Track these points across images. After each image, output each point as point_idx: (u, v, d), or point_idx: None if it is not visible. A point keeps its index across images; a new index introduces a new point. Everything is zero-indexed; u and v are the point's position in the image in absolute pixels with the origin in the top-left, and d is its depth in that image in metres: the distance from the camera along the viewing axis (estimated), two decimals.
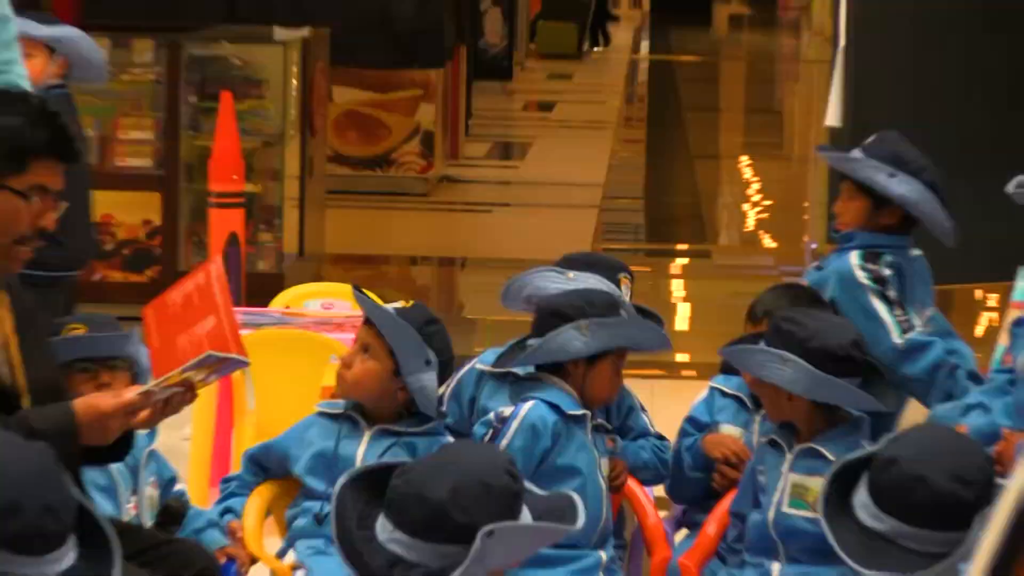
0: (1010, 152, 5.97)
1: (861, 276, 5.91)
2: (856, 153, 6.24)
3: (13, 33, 6.05)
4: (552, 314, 5.51)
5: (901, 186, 6.00)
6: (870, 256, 5.95)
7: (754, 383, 5.40)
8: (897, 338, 5.89)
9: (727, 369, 5.93)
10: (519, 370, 5.60)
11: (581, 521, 4.12)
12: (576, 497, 4.25)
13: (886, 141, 6.17)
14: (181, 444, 7.29)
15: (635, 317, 5.73)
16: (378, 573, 3.80)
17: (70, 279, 8.37)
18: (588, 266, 5.85)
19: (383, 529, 3.83)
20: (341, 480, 4.02)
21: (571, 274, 5.80)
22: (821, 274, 6.03)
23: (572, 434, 5.41)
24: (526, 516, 3.88)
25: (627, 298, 5.84)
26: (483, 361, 5.81)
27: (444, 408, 5.77)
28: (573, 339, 5.48)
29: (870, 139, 6.27)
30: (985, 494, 4.18)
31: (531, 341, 5.55)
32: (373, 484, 3.93)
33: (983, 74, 7.95)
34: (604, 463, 5.49)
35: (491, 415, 5.46)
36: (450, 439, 5.39)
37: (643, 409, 5.96)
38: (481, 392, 5.80)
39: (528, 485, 4.16)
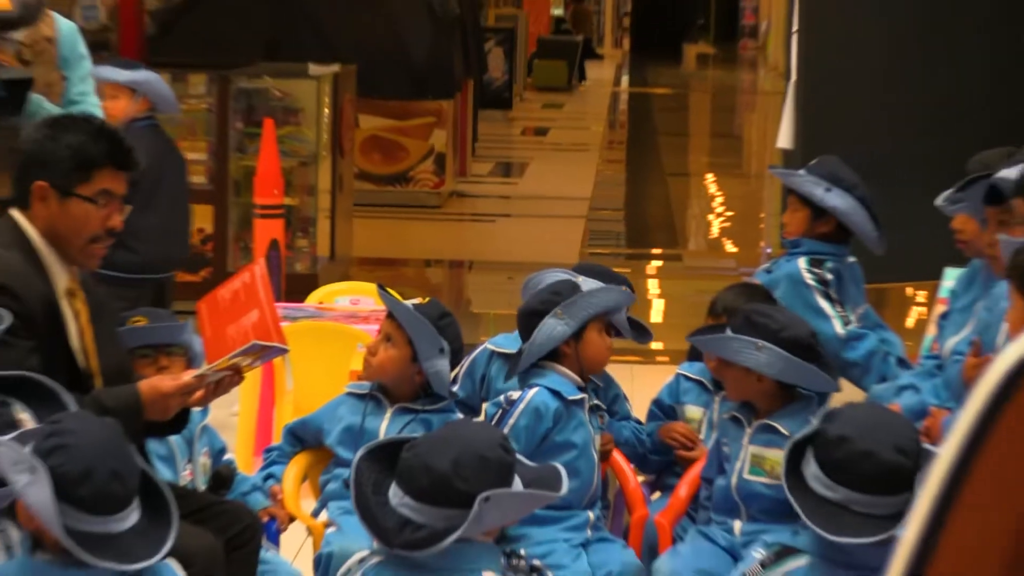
0: (939, 171, 5.98)
1: (808, 278, 5.98)
2: (800, 172, 6.31)
3: (87, 69, 6.06)
4: (529, 316, 5.49)
5: (835, 199, 6.06)
6: (815, 262, 6.02)
7: (719, 367, 5.38)
8: (840, 329, 5.93)
9: (693, 356, 5.96)
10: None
11: (565, 488, 4.14)
12: (561, 468, 4.27)
13: (825, 162, 6.22)
14: (230, 419, 7.29)
15: (596, 286, 5.74)
16: (390, 533, 3.82)
17: (147, 280, 8.42)
18: (595, 274, 5.86)
19: (395, 495, 3.85)
20: (358, 454, 4.06)
21: (580, 278, 5.82)
22: (771, 276, 6.07)
23: (572, 414, 5.40)
24: (518, 484, 3.90)
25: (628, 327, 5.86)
26: (493, 343, 5.82)
27: (458, 383, 5.82)
28: (554, 327, 5.45)
29: (813, 161, 6.32)
30: (919, 462, 4.20)
31: (523, 346, 5.53)
32: (386, 457, 3.94)
33: (917, 104, 7.95)
34: (597, 438, 5.51)
35: (501, 397, 5.45)
36: (460, 416, 5.41)
37: (625, 398, 5.99)
38: (491, 370, 5.82)
39: (520, 458, 4.19)
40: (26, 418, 4.12)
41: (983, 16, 7.70)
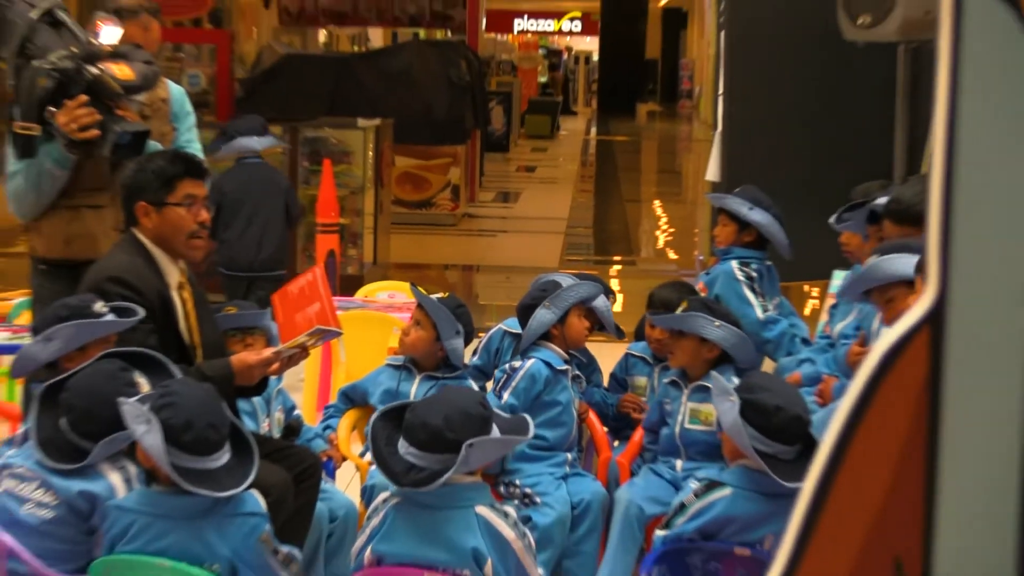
0: (829, 198, 5.98)
1: (739, 275, 6.00)
2: (729, 196, 6.34)
3: (192, 122, 6.05)
4: (526, 309, 5.55)
5: (757, 216, 6.08)
6: (744, 264, 6.05)
7: (670, 341, 5.39)
8: (760, 315, 5.95)
9: (638, 337, 6.01)
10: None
11: (531, 434, 4.14)
12: (528, 418, 4.29)
13: (747, 189, 6.25)
14: (298, 384, 7.26)
15: (575, 282, 5.74)
16: (400, 475, 3.81)
17: (235, 277, 8.61)
18: (605, 292, 5.93)
19: (402, 446, 3.84)
20: (373, 417, 4.05)
21: (566, 279, 5.85)
22: (711, 276, 6.10)
23: (558, 380, 5.42)
24: (495, 432, 3.89)
25: (611, 308, 5.91)
26: (506, 324, 5.83)
27: (477, 354, 5.85)
28: (544, 315, 5.51)
29: (738, 188, 6.34)
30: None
31: (521, 329, 5.58)
32: (394, 417, 3.94)
33: (811, 147, 7.94)
34: (576, 400, 5.52)
35: (506, 365, 5.50)
36: (471, 383, 5.41)
37: (600, 371, 6.01)
38: (503, 344, 5.83)
39: (496, 411, 4.18)
40: (143, 383, 4.12)
41: (865, 82, 7.68)
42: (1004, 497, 1.49)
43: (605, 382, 6.06)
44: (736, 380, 4.75)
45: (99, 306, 4.34)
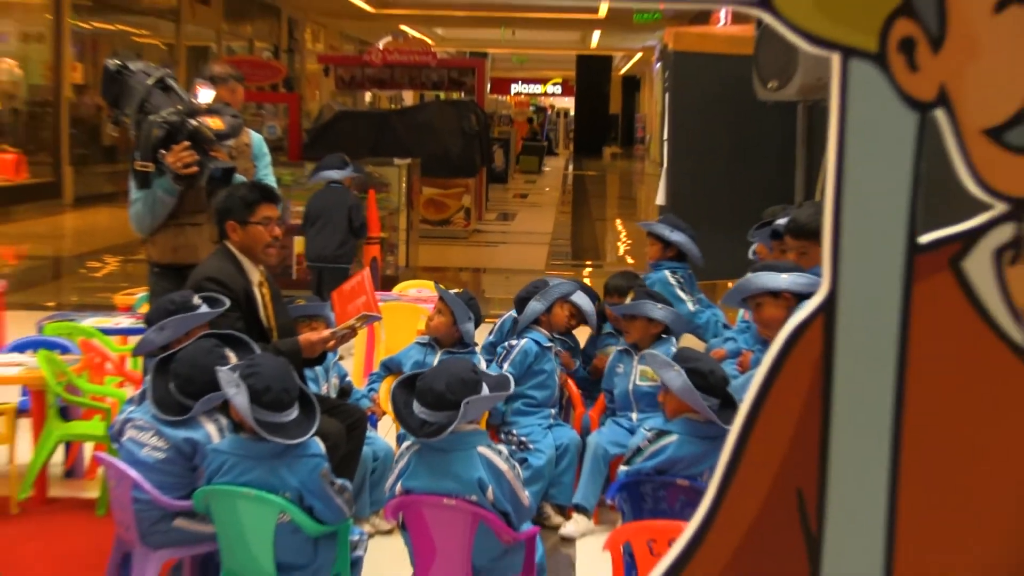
0: (745, 217, 5.98)
1: (672, 281, 6.04)
2: (654, 222, 6.46)
3: (268, 160, 6.07)
4: (521, 301, 5.61)
5: (676, 236, 6.17)
6: (673, 272, 6.10)
7: (625, 321, 5.43)
8: (691, 307, 5.95)
9: (600, 315, 6.00)
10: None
11: (511, 388, 4.13)
12: (510, 376, 4.30)
13: (668, 217, 6.42)
14: (349, 356, 7.25)
15: (559, 282, 5.76)
16: (416, 429, 3.80)
17: (316, 266, 8.86)
18: (584, 290, 5.85)
19: (416, 407, 3.83)
20: (393, 386, 4.01)
21: (556, 280, 5.85)
22: (650, 282, 6.04)
23: (545, 354, 5.44)
24: (485, 390, 3.88)
25: (592, 310, 5.82)
26: (515, 313, 5.80)
27: (492, 335, 5.82)
28: (535, 306, 5.55)
29: (661, 216, 6.55)
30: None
31: (518, 316, 5.63)
32: (409, 385, 3.93)
33: (732, 180, 7.93)
34: (558, 370, 5.54)
35: (506, 343, 5.53)
36: (479, 356, 5.40)
37: (580, 353, 6.01)
38: (509, 328, 5.78)
39: (484, 372, 4.16)
40: (232, 357, 4.11)
41: (773, 131, 7.67)
42: (879, 441, 1.49)
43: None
44: (674, 350, 4.75)
45: (196, 300, 4.36)
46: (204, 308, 4.34)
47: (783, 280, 4.29)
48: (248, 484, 3.78)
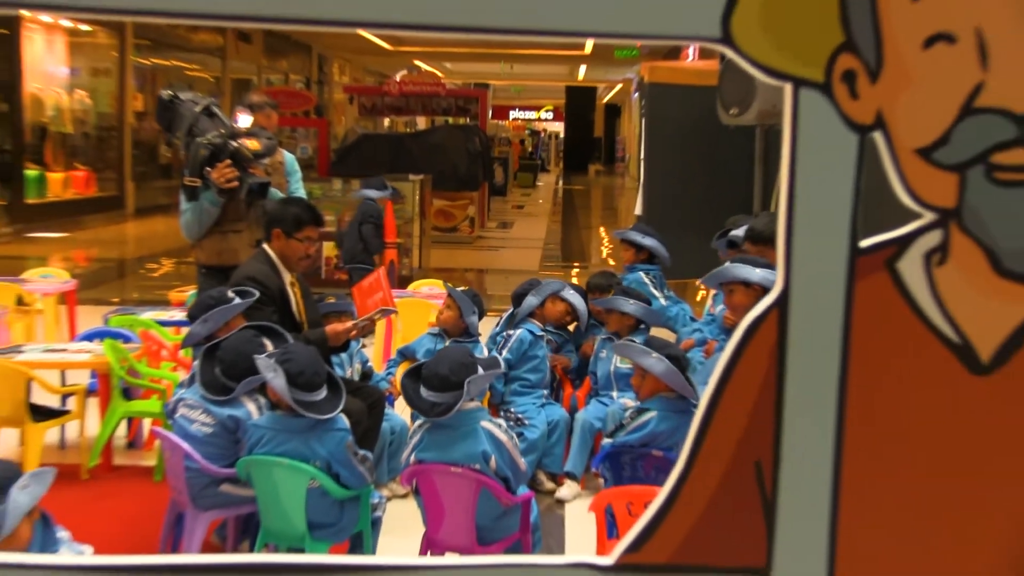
0: (709, 226, 5.97)
1: (646, 280, 6.02)
2: (628, 230, 6.40)
3: (299, 176, 6.05)
4: (518, 297, 5.59)
5: (647, 242, 6.15)
6: (646, 273, 6.06)
7: (604, 313, 5.41)
8: (663, 302, 5.93)
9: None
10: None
11: (502, 368, 4.14)
12: (500, 358, 4.28)
13: (639, 226, 6.44)
14: (369, 345, 7.24)
15: (550, 281, 5.76)
16: (426, 410, 3.77)
17: (344, 267, 9.07)
18: (576, 290, 5.83)
19: (423, 391, 3.80)
20: (401, 375, 3.98)
21: (546, 280, 5.85)
22: (627, 282, 6.01)
23: (538, 342, 5.43)
24: (480, 371, 3.86)
25: (584, 307, 5.76)
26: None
27: (499, 327, 5.72)
28: (530, 300, 5.55)
29: (634, 224, 6.50)
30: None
31: (516, 310, 5.59)
32: (414, 374, 3.89)
33: (698, 194, 7.92)
34: (549, 355, 5.52)
35: (504, 332, 5.50)
36: (482, 345, 5.38)
37: (572, 343, 5.99)
38: (506, 320, 5.75)
39: (477, 356, 4.13)
40: (269, 345, 4.10)
41: (734, 151, 7.66)
42: (825, 418, 1.48)
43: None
44: (640, 339, 4.73)
45: (230, 294, 4.37)
46: (237, 300, 4.35)
47: (756, 274, 4.28)
48: (283, 454, 3.77)
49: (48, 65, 17.38)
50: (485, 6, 1.39)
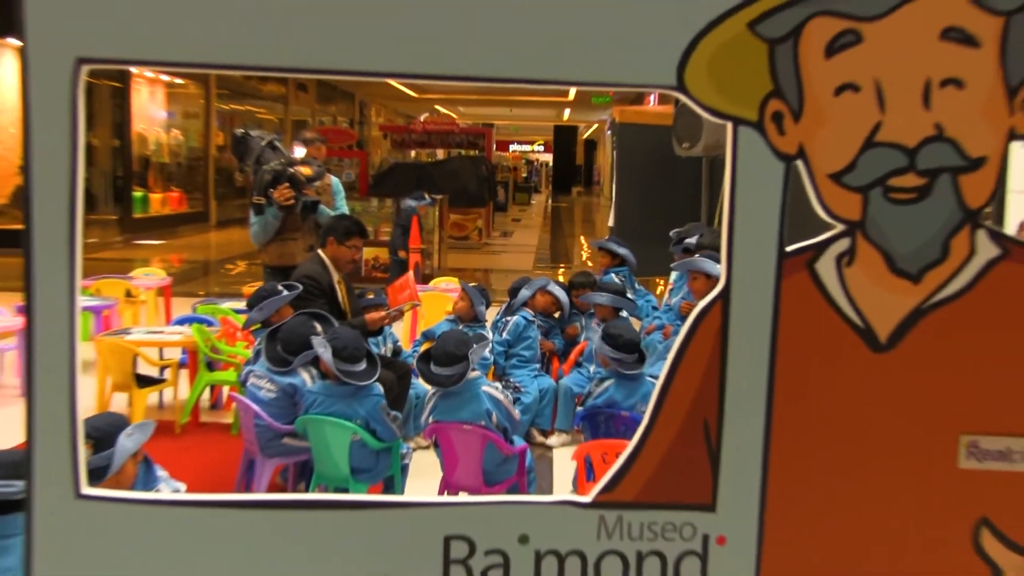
0: (668, 231, 5.94)
1: (616, 279, 5.95)
2: (604, 240, 6.34)
3: (343, 196, 6.00)
4: (514, 290, 5.56)
5: (621, 250, 6.09)
6: (618, 274, 6.01)
7: (586, 305, 5.38)
8: (631, 296, 5.89)
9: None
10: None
11: (489, 340, 4.08)
12: (488, 336, 4.22)
13: (612, 238, 6.42)
14: (398, 330, 7.23)
15: (539, 278, 5.68)
16: (440, 382, 3.71)
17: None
18: (558, 285, 5.76)
19: (434, 368, 3.74)
20: (416, 358, 3.89)
21: (538, 278, 5.79)
22: (604, 279, 5.97)
23: (530, 326, 5.38)
24: (474, 345, 3.82)
25: (566, 299, 5.65)
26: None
27: (500, 314, 5.63)
28: (524, 293, 5.50)
29: (606, 237, 6.49)
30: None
31: (512, 301, 5.53)
32: (425, 356, 3.83)
33: (661, 207, 7.84)
34: (538, 338, 5.49)
35: (504, 319, 5.44)
36: (488, 329, 5.34)
37: (559, 329, 5.95)
38: (505, 309, 5.71)
39: (469, 335, 4.03)
40: (319, 328, 4.07)
41: (686, 176, 7.62)
42: (758, 386, 1.47)
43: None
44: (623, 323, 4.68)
45: (280, 287, 4.33)
46: (285, 293, 4.32)
47: (717, 269, 4.27)
48: (331, 414, 3.76)
49: (150, 110, 17.54)
50: (490, 60, 1.38)
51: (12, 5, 1.27)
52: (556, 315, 5.82)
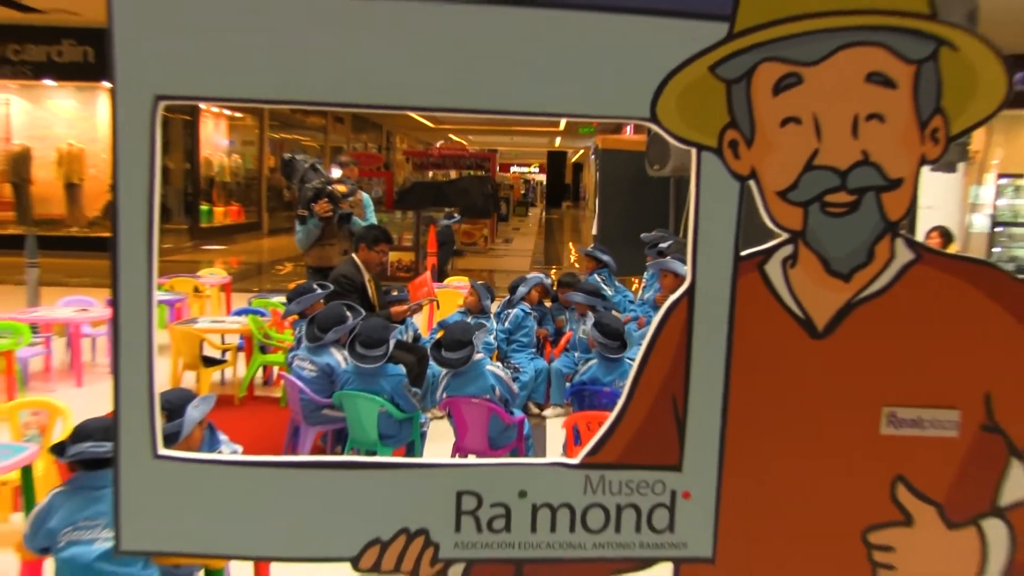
0: (643, 241, 5.91)
1: (599, 280, 5.92)
2: (590, 248, 6.29)
3: (372, 209, 5.97)
4: (513, 287, 5.51)
5: (604, 257, 6.05)
6: (599, 275, 5.97)
7: (568, 300, 5.34)
8: (611, 293, 5.87)
9: (554, 298, 5.90)
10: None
11: (486, 328, 4.04)
12: (484, 323, 4.17)
13: (596, 246, 6.36)
14: (418, 320, 7.21)
15: (533, 276, 5.62)
16: (452, 364, 3.69)
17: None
18: (550, 280, 5.78)
19: (445, 352, 3.72)
20: (430, 347, 3.86)
21: (533, 273, 5.77)
22: (589, 280, 5.94)
23: (527, 317, 5.37)
24: (475, 330, 3.80)
25: (553, 287, 5.69)
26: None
27: (501, 307, 5.58)
28: (521, 289, 5.48)
29: (591, 246, 6.40)
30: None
31: (512, 296, 5.49)
32: (437, 344, 3.81)
33: (637, 218, 7.78)
34: (535, 327, 5.47)
35: (505, 312, 5.40)
36: (493, 320, 5.32)
37: (551, 319, 5.91)
38: (506, 302, 5.69)
39: (467, 322, 4.07)
40: (351, 316, 4.06)
41: (657, 193, 7.60)
42: (717, 368, 1.47)
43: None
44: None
45: (314, 286, 4.33)
46: (318, 291, 4.32)
47: (683, 269, 4.26)
48: (362, 390, 3.76)
49: (215, 139, 17.72)
50: (494, 96, 1.38)
51: (106, 55, 1.29)
52: (547, 303, 5.81)
